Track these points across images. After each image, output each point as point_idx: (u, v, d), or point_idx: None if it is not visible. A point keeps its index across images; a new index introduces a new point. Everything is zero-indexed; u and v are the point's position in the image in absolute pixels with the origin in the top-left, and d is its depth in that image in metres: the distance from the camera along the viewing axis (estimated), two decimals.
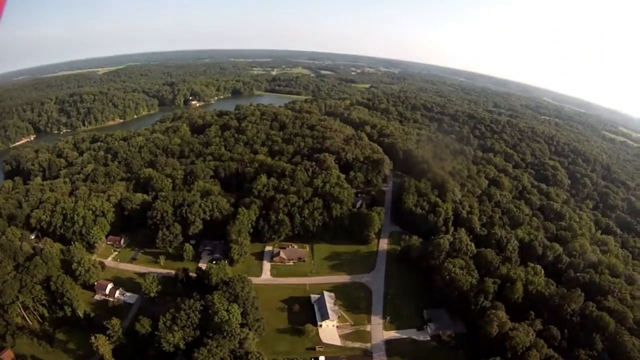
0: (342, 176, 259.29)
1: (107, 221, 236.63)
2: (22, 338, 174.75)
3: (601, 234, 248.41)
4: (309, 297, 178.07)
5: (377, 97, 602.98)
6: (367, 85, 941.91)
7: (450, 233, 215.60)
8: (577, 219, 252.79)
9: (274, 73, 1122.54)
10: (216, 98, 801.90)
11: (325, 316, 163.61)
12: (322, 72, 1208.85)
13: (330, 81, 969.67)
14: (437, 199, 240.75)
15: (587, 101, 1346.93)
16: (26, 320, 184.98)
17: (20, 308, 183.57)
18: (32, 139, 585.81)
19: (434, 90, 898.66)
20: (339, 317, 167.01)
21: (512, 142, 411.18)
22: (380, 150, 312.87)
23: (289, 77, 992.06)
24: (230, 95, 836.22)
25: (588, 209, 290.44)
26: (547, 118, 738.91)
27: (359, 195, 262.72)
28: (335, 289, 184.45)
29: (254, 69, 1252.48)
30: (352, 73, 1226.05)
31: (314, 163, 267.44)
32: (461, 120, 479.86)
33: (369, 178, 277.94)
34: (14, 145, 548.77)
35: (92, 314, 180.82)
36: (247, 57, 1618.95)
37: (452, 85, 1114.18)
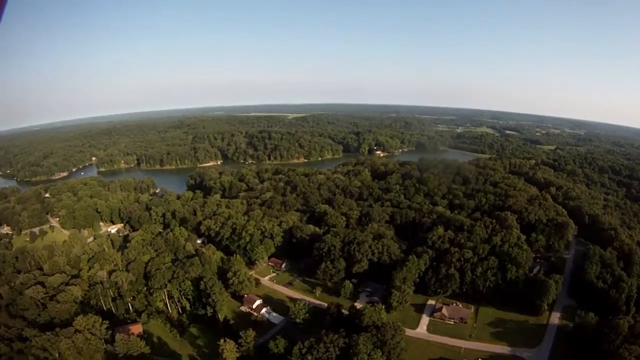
0: (523, 237, 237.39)
1: (274, 244, 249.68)
2: (157, 320, 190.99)
3: None
4: None
5: (562, 158, 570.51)
6: (553, 147, 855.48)
7: (631, 314, 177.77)
8: None
9: (458, 130, 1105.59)
10: (400, 150, 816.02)
11: None
12: (507, 131, 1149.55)
13: (514, 141, 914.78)
14: (622, 272, 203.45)
15: None
16: (167, 307, 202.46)
17: (165, 295, 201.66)
18: (218, 163, 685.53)
19: (621, 153, 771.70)
20: None
21: None
22: (565, 213, 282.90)
23: (474, 135, 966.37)
24: (414, 148, 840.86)
25: None
26: None
27: (537, 260, 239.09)
28: (491, 359, 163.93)
29: (439, 125, 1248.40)
30: (537, 134, 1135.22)
31: (494, 220, 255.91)
32: None
33: (551, 242, 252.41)
34: (201, 165, 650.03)
35: (232, 322, 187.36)
36: (432, 114, 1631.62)
37: None
